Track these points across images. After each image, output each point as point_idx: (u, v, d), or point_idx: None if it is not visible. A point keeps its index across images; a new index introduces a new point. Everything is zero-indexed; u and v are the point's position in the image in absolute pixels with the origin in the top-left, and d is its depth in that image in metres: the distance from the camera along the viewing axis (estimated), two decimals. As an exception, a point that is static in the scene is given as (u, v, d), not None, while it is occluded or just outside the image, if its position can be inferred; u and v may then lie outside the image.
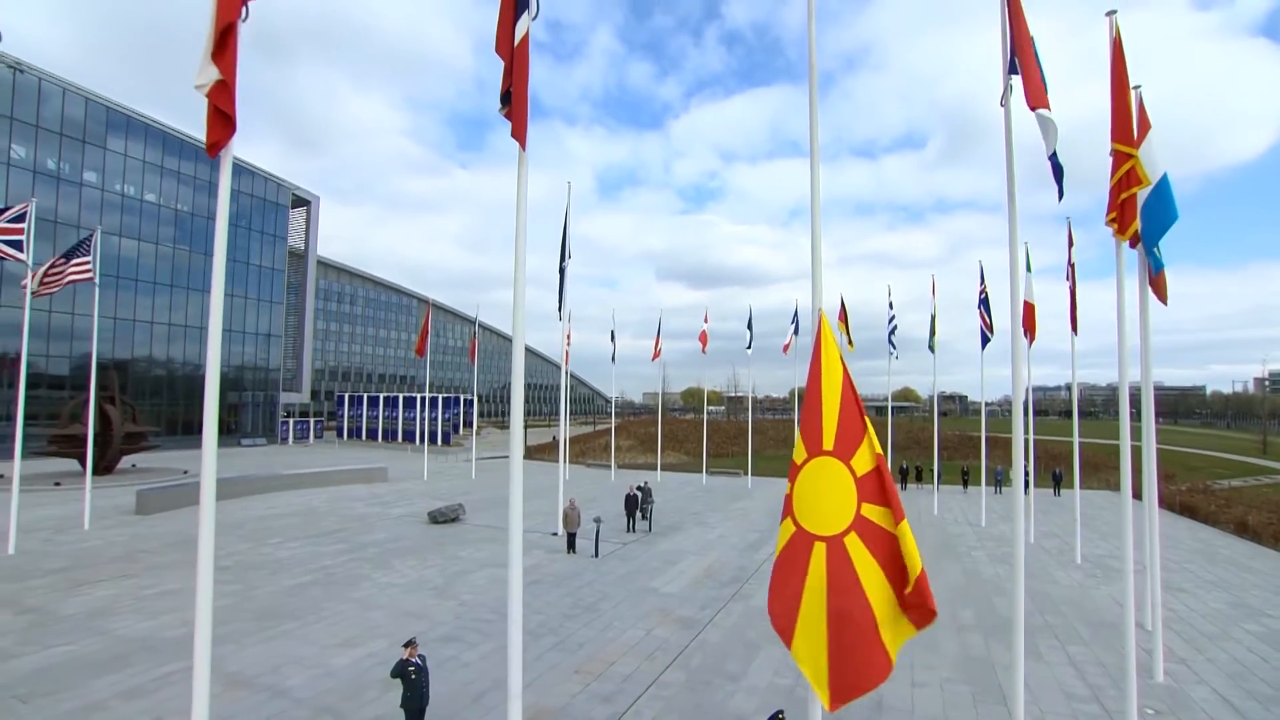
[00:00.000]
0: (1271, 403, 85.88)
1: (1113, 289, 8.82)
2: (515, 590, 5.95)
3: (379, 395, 64.03)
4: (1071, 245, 16.63)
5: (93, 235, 19.11)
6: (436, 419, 56.45)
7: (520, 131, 6.00)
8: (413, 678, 7.85)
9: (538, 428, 79.94)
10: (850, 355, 30.74)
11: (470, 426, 55.20)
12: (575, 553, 18.00)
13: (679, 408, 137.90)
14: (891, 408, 29.38)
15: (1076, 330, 17.37)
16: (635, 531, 21.30)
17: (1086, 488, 29.72)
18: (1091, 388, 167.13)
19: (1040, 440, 40.28)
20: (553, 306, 19.59)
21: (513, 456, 6.20)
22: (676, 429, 63.70)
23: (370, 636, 11.51)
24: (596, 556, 17.71)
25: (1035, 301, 18.55)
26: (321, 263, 77.37)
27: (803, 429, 4.95)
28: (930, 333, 25.96)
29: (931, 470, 31.16)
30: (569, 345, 26.89)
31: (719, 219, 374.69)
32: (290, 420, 62.34)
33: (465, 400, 62.08)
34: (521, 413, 6.26)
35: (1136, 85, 9.37)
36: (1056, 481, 32.10)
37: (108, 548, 17.68)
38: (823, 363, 4.91)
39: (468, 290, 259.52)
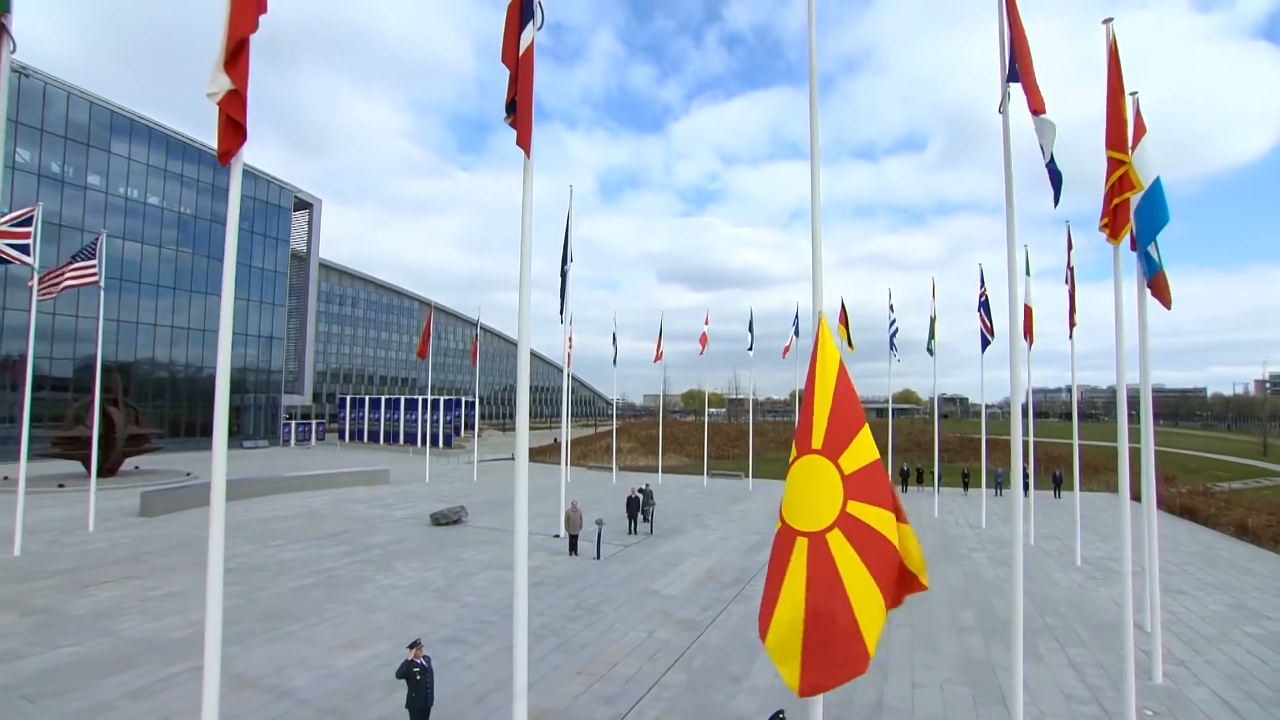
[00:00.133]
0: (1272, 405, 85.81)
1: (1113, 291, 8.93)
2: (521, 591, 6.04)
3: (380, 397, 64.15)
4: (1071, 248, 16.74)
5: (98, 239, 19.25)
6: (438, 421, 56.52)
7: (525, 140, 6.11)
8: (418, 679, 7.94)
9: (539, 430, 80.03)
10: (851, 357, 30.85)
11: (472, 429, 55.28)
12: (577, 555, 18.07)
13: (680, 410, 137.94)
14: (892, 410, 29.43)
15: (1074, 334, 17.46)
16: (637, 534, 21.37)
17: (1087, 490, 29.74)
18: (1092, 390, 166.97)
19: (1040, 442, 40.29)
20: (554, 309, 19.76)
21: (518, 459, 6.29)
22: (677, 431, 63.73)
23: (374, 638, 11.59)
24: (598, 558, 17.79)
25: (1035, 304, 18.71)
26: (323, 265, 77.58)
27: (797, 429, 5.02)
28: (930, 336, 26.05)
29: (932, 472, 31.21)
30: (570, 348, 26.97)
31: (720, 221, 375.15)
32: (292, 422, 62.45)
33: (467, 402, 62.21)
34: (526, 417, 6.35)
35: (1133, 91, 9.50)
36: (1057, 484, 32.13)
37: (112, 549, 17.78)
38: (817, 364, 4.95)
39: (469, 292, 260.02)
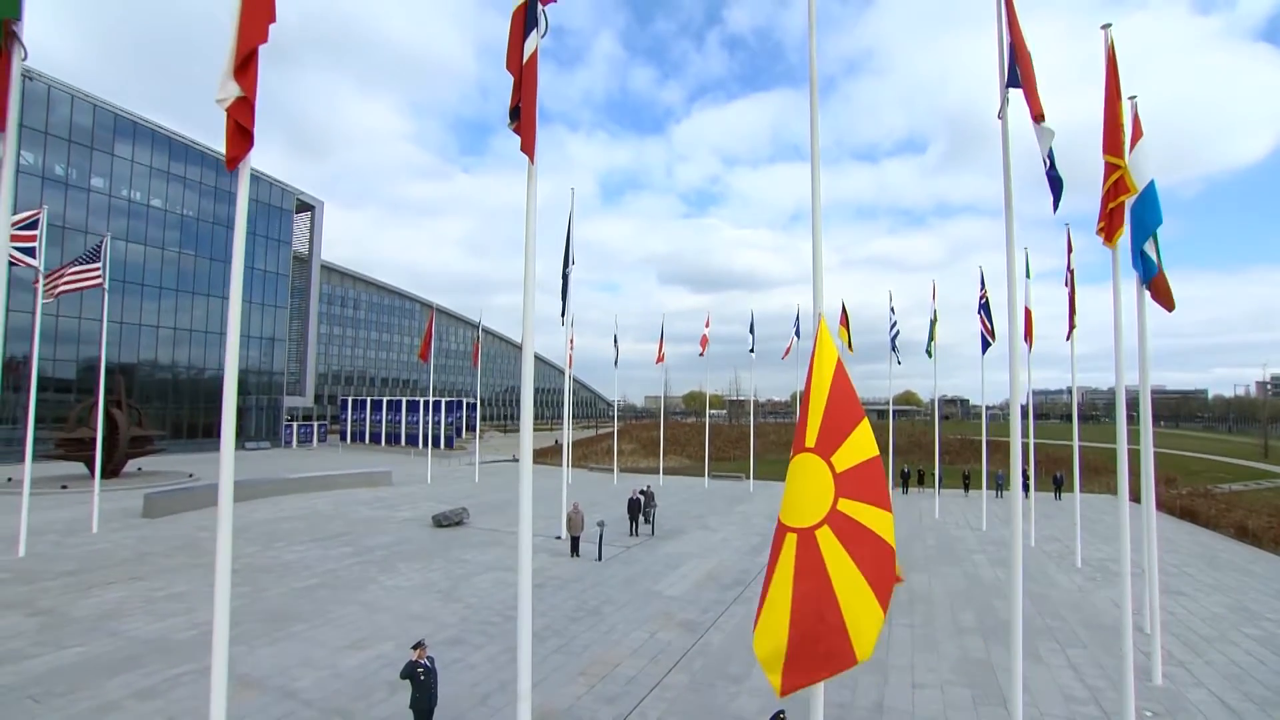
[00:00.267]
0: (1272, 407, 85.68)
1: (1112, 293, 9.01)
2: (525, 592, 6.10)
3: (382, 399, 64.30)
4: (1070, 251, 16.82)
5: (102, 242, 19.36)
6: (439, 423, 56.62)
7: (529, 146, 6.18)
8: (421, 679, 8.00)
9: (540, 432, 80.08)
10: (852, 359, 30.94)
11: (473, 430, 55.35)
12: (579, 556, 18.14)
13: (680, 411, 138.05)
14: (893, 411, 29.49)
15: (1072, 336, 17.52)
16: (638, 535, 21.43)
17: (1087, 491, 29.79)
18: (1093, 391, 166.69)
19: (1041, 444, 40.31)
20: (555, 311, 19.83)
21: (523, 461, 6.36)
22: (678, 433, 63.81)
23: (378, 638, 11.66)
24: (600, 560, 17.85)
25: (1036, 306, 18.83)
26: (325, 267, 77.77)
27: (796, 429, 5.09)
28: (929, 339, 26.11)
29: (933, 474, 31.25)
30: (572, 350, 27.04)
31: (721, 223, 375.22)
32: (294, 424, 62.61)
33: (468, 404, 62.31)
34: (530, 422, 6.43)
35: (1132, 96, 9.57)
36: (1057, 485, 32.16)
37: (116, 550, 17.87)
38: (815, 364, 4.99)
39: (470, 294, 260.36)
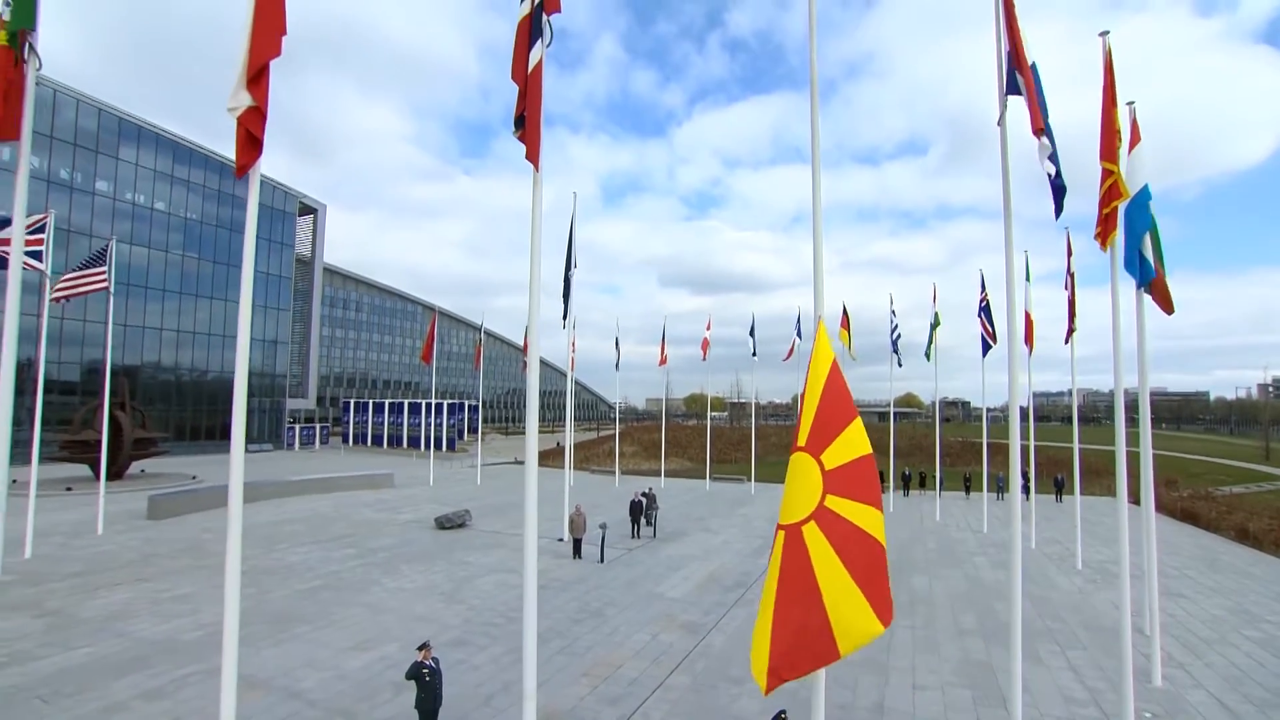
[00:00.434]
0: (1274, 409, 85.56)
1: (1110, 295, 9.10)
2: (530, 592, 6.19)
3: (384, 401, 64.41)
4: (1070, 254, 16.90)
5: (108, 245, 19.50)
6: (441, 425, 56.72)
7: (534, 154, 6.29)
8: (427, 680, 8.09)
9: (542, 434, 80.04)
10: (853, 361, 30.95)
11: (475, 432, 55.46)
12: (581, 558, 18.22)
13: (682, 414, 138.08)
14: (894, 413, 29.55)
15: (1071, 339, 17.59)
16: (640, 537, 21.50)
17: (1088, 494, 29.82)
18: (1095, 394, 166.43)
19: (1042, 446, 40.35)
20: (557, 314, 19.87)
21: (528, 464, 6.45)
22: (680, 435, 63.86)
23: (381, 640, 11.75)
24: (602, 562, 17.93)
25: (1037, 308, 18.94)
26: (328, 269, 78.01)
27: (794, 431, 5.18)
28: (929, 343, 26.17)
29: (934, 476, 31.28)
30: (574, 353, 27.14)
31: (722, 225, 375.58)
32: (296, 426, 62.71)
33: (470, 406, 62.43)
34: (536, 426, 6.52)
35: (1130, 101, 9.67)
36: (1058, 488, 32.19)
37: (122, 552, 17.97)
38: (812, 365, 5.09)
39: (471, 296, 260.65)
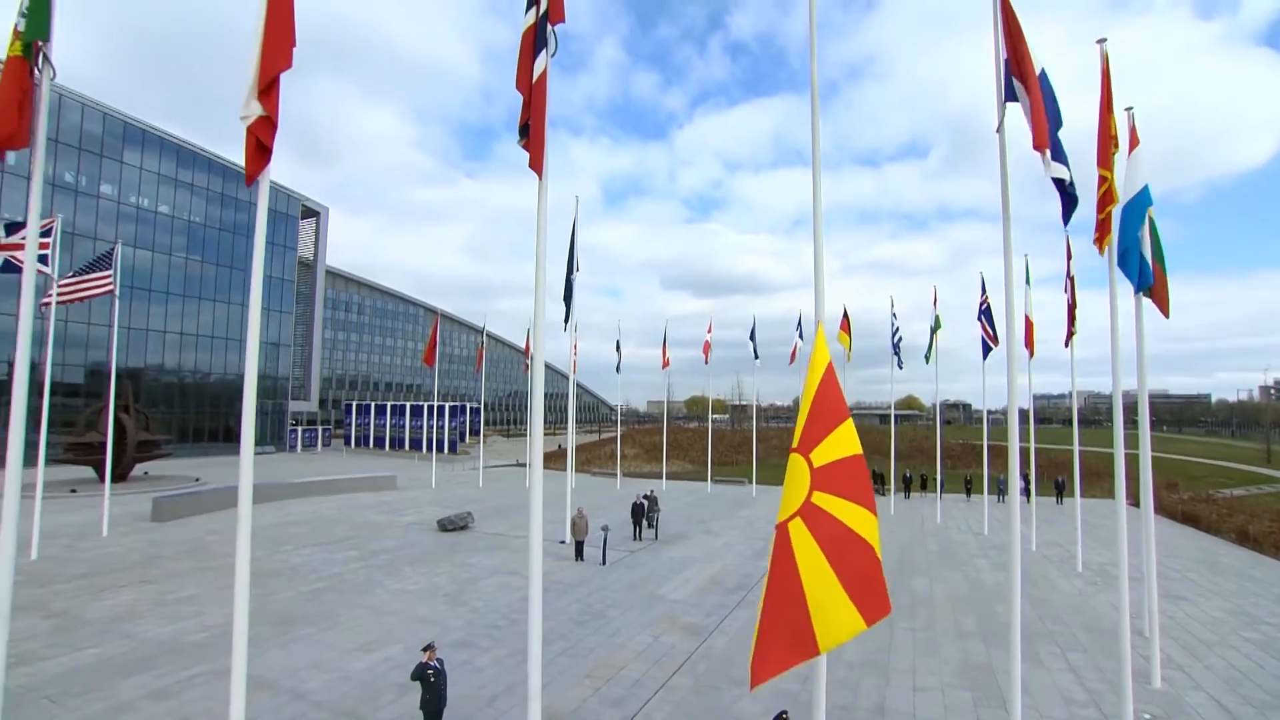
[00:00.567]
0: (1275, 411, 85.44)
1: (1118, 296, 9.19)
2: (535, 592, 6.28)
3: (386, 404, 64.53)
4: (1070, 258, 16.98)
5: (114, 249, 19.65)
6: (443, 427, 56.82)
7: (538, 164, 6.40)
8: (432, 680, 8.18)
9: (543, 436, 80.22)
10: (854, 364, 31.08)
11: (477, 435, 55.57)
12: (583, 560, 18.30)
13: (683, 416, 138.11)
14: (895, 416, 29.62)
15: (1071, 342, 17.67)
16: (642, 539, 21.57)
17: (1089, 496, 29.83)
18: (1096, 396, 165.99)
19: (1043, 449, 40.34)
20: (558, 316, 19.88)
21: (532, 466, 6.55)
22: (681, 438, 63.93)
23: (385, 641, 11.83)
24: (604, 564, 18.00)
25: (1039, 310, 19.08)
26: (330, 272, 78.26)
27: (793, 433, 5.29)
28: (929, 346, 26.24)
29: (935, 479, 31.33)
30: (576, 355, 27.24)
31: (723, 228, 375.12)
32: (298, 428, 62.90)
33: (471, 408, 62.55)
34: (540, 430, 6.62)
35: (1128, 107, 9.77)
36: (1059, 490, 32.23)
37: (127, 554, 18.08)
38: (809, 369, 5.21)
39: (473, 298, 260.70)
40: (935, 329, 25.97)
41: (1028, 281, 20.05)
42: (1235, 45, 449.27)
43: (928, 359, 26.42)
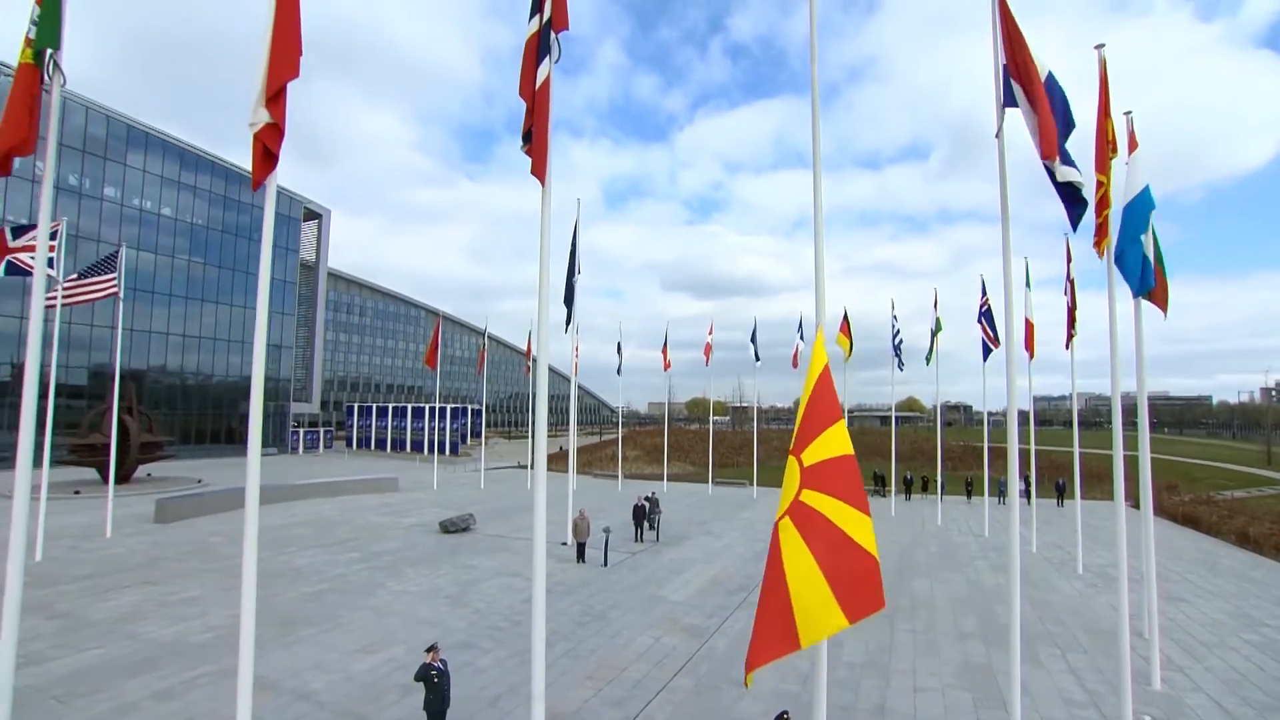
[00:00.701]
0: (1276, 413, 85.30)
1: (1108, 300, 9.25)
2: (539, 593, 6.34)
3: (388, 405, 64.60)
4: (1070, 260, 17.06)
5: (118, 251, 19.75)
6: (445, 429, 56.87)
7: (540, 170, 6.47)
8: (435, 681, 8.24)
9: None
10: (854, 365, 31.16)
11: (478, 436, 55.60)
12: (585, 562, 18.34)
13: (684, 418, 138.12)
14: (895, 418, 29.65)
15: (1071, 344, 17.72)
16: (643, 541, 21.61)
17: (1089, 498, 29.82)
18: (1096, 398, 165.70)
19: (1043, 450, 40.34)
20: (560, 318, 19.88)
21: (537, 468, 6.61)
22: (682, 439, 63.99)
23: (388, 642, 11.89)
24: (605, 565, 18.05)
25: (1040, 311, 19.08)
26: (332, 274, 78.38)
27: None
28: (930, 349, 26.27)
29: (935, 481, 31.34)
30: (577, 358, 27.31)
31: (724, 229, 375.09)
32: (300, 430, 62.98)
33: (473, 410, 62.62)
34: (544, 432, 6.68)
35: (1127, 111, 9.84)
36: (1060, 492, 32.23)
37: (130, 555, 18.15)
38: (808, 372, 5.29)
39: (474, 300, 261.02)
40: (936, 331, 26.00)
41: (1028, 284, 20.12)
42: (1235, 47, 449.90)
43: (928, 361, 26.46)
